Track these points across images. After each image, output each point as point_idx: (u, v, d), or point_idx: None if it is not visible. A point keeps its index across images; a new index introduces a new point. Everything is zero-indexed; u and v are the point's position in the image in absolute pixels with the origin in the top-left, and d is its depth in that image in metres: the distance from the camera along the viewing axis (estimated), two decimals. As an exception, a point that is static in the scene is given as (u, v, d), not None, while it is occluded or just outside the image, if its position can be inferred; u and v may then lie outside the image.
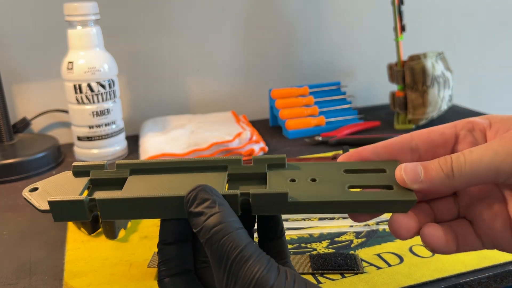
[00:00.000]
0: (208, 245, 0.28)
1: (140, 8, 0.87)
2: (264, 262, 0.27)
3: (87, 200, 0.32)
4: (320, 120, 0.87)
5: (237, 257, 0.27)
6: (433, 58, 0.86)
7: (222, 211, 0.28)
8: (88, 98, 0.70)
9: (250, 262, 0.27)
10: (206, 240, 0.28)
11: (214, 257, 0.28)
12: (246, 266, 0.27)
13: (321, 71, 1.03)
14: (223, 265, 0.27)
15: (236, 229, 0.28)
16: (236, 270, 0.27)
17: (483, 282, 0.44)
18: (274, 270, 0.27)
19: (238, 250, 0.27)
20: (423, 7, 1.07)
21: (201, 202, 0.29)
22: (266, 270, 0.27)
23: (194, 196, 0.29)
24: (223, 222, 0.28)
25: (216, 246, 0.27)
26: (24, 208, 0.60)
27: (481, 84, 1.20)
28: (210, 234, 0.28)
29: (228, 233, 0.27)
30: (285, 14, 0.97)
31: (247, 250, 0.27)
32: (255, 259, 0.27)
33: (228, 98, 0.97)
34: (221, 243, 0.27)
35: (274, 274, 0.27)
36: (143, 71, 0.90)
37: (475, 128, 0.33)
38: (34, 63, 0.83)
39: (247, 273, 0.26)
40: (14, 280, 0.45)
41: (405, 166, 0.30)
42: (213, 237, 0.28)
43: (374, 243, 0.49)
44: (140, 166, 0.35)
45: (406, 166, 0.30)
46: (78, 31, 0.68)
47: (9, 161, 0.68)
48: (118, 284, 0.43)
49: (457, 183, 0.29)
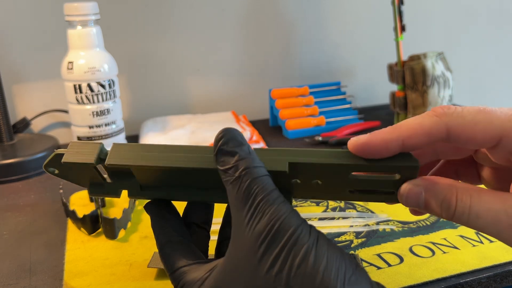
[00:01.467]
0: (235, 183, 0.28)
1: (140, 8, 0.87)
2: (290, 208, 0.28)
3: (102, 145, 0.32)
4: (320, 120, 0.87)
5: (265, 198, 0.28)
6: (433, 58, 0.86)
7: (254, 157, 0.29)
8: (88, 98, 0.70)
9: (278, 203, 0.27)
10: (235, 178, 0.28)
11: (239, 195, 0.28)
12: (274, 206, 0.27)
13: (321, 71, 1.03)
14: (249, 203, 0.28)
15: (265, 175, 0.29)
16: (264, 208, 0.27)
17: (483, 282, 0.44)
18: (300, 217, 0.28)
19: (266, 192, 0.28)
20: (423, 7, 1.07)
21: (236, 143, 0.29)
22: (292, 214, 0.27)
23: (227, 135, 0.30)
24: (255, 167, 0.29)
25: (246, 185, 0.28)
26: (24, 208, 0.60)
27: (481, 84, 1.20)
28: (241, 173, 0.28)
29: (259, 176, 0.28)
30: (285, 14, 0.97)
31: (274, 194, 0.28)
32: (282, 202, 0.28)
33: (228, 98, 0.97)
34: (251, 182, 0.28)
35: (299, 220, 0.27)
36: (143, 71, 0.90)
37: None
38: (34, 63, 0.83)
39: (275, 211, 0.27)
40: (14, 280, 0.45)
41: (409, 190, 0.29)
42: (244, 177, 0.28)
43: (374, 243, 0.49)
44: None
45: (410, 191, 0.29)
46: (78, 31, 0.68)
47: (9, 161, 0.68)
48: (118, 284, 0.43)
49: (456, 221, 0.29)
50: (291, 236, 0.26)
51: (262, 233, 0.27)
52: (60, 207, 0.59)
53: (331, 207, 0.57)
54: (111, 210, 0.58)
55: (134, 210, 0.57)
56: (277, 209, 0.27)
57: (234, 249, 0.28)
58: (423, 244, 0.48)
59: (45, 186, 0.66)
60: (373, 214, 0.55)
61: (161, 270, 0.45)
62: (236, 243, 0.28)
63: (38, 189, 0.65)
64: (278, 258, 0.26)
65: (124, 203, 0.59)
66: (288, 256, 0.26)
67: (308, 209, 0.57)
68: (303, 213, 0.56)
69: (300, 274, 0.26)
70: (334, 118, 0.88)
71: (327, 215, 0.55)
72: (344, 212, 0.56)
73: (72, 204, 0.59)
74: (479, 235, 0.50)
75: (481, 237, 0.49)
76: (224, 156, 0.29)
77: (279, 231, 0.27)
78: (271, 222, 0.27)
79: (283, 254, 0.26)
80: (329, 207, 0.57)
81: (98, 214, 0.52)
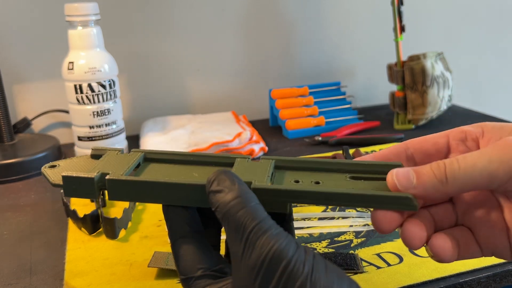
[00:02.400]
0: (226, 219, 0.28)
1: (140, 8, 0.87)
2: (283, 236, 0.27)
3: (98, 178, 0.33)
4: (320, 120, 0.87)
5: (255, 228, 0.27)
6: (432, 58, 0.87)
7: (241, 188, 0.29)
8: (88, 98, 0.70)
9: (268, 233, 0.27)
10: (223, 214, 0.28)
11: (231, 230, 0.28)
12: (264, 237, 0.27)
13: (321, 71, 1.03)
14: (239, 236, 0.27)
15: (254, 203, 0.29)
16: (254, 240, 0.27)
17: (483, 282, 0.44)
18: (293, 245, 0.27)
19: (256, 221, 0.27)
20: (423, 7, 1.07)
21: (222, 181, 0.30)
22: (284, 243, 0.27)
23: (215, 177, 0.30)
24: (241, 197, 0.29)
25: (234, 218, 0.28)
26: (24, 208, 0.60)
27: (481, 84, 1.20)
28: (227, 208, 0.28)
29: (245, 206, 0.28)
30: (285, 14, 0.97)
31: (265, 222, 0.28)
32: (274, 231, 0.27)
33: (228, 98, 0.97)
34: (238, 215, 0.28)
35: (293, 248, 0.27)
36: (143, 71, 0.91)
37: (467, 138, 0.33)
38: (34, 63, 0.83)
39: (265, 244, 0.27)
40: (14, 280, 0.45)
41: (396, 172, 0.30)
42: (231, 210, 0.28)
43: (374, 242, 0.49)
44: (154, 155, 0.37)
45: (398, 172, 0.30)
46: (78, 31, 0.68)
47: (9, 161, 0.69)
48: (118, 284, 0.43)
49: (450, 188, 0.29)
50: (284, 269, 0.26)
51: (255, 268, 0.27)
52: (60, 207, 0.59)
53: (331, 207, 0.57)
54: (111, 210, 0.58)
55: (135, 210, 0.58)
56: (267, 240, 0.27)
57: (235, 280, 0.28)
58: (423, 244, 0.48)
59: (45, 186, 0.66)
60: (373, 214, 0.55)
61: (161, 270, 0.45)
62: (236, 275, 0.28)
63: (38, 189, 0.66)
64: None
65: (125, 203, 0.59)
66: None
67: (308, 208, 0.57)
68: (303, 213, 0.56)
69: None
70: (334, 118, 0.88)
71: (327, 215, 0.55)
72: (344, 211, 0.56)
73: (73, 204, 0.59)
74: (479, 235, 0.50)
75: (480, 237, 0.49)
76: (213, 195, 0.30)
77: (271, 265, 0.26)
78: (261, 256, 0.26)
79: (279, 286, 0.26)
80: (329, 206, 0.57)
81: (98, 214, 0.52)
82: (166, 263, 0.44)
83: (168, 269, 0.44)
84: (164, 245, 0.50)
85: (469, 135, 0.33)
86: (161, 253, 0.46)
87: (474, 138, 0.33)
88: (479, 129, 0.33)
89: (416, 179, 0.29)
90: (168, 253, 0.46)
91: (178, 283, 0.43)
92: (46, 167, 0.36)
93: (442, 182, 0.29)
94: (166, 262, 0.44)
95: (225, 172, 0.30)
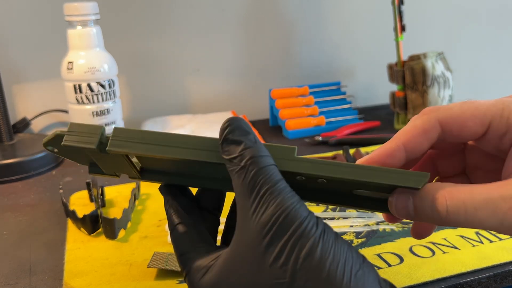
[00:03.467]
0: (241, 173, 0.28)
1: (140, 8, 0.87)
2: (297, 198, 0.27)
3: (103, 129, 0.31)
4: (320, 120, 0.87)
5: (270, 189, 0.27)
6: (433, 58, 0.86)
7: (260, 146, 0.29)
8: (88, 98, 0.70)
9: (284, 194, 0.27)
10: (240, 168, 0.28)
11: (245, 185, 0.28)
12: (280, 197, 0.27)
13: (321, 71, 1.03)
14: (255, 193, 0.27)
15: (271, 164, 0.28)
16: (269, 199, 0.27)
17: (483, 282, 0.44)
18: (306, 208, 0.27)
19: (271, 183, 0.27)
20: (423, 7, 1.07)
21: (241, 132, 0.29)
22: (299, 205, 0.27)
23: (233, 124, 0.29)
24: (261, 156, 0.28)
25: (251, 175, 0.27)
26: (24, 208, 0.60)
27: (481, 84, 1.20)
28: (246, 163, 0.28)
29: (265, 165, 0.28)
30: (285, 14, 0.97)
31: (280, 185, 0.27)
32: (289, 193, 0.27)
33: (228, 98, 0.97)
34: (256, 172, 0.27)
35: (306, 211, 0.27)
36: (143, 71, 0.90)
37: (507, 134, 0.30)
38: (34, 63, 0.83)
39: (281, 202, 0.26)
40: (14, 280, 0.45)
41: (396, 198, 0.29)
42: (250, 166, 0.28)
43: (374, 243, 0.49)
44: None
45: (397, 203, 0.29)
46: (78, 31, 0.68)
47: (9, 161, 0.68)
48: (118, 284, 0.43)
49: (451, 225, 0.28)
50: (297, 228, 0.26)
51: (267, 225, 0.26)
52: (60, 207, 0.59)
53: (331, 207, 0.57)
54: (111, 210, 0.58)
55: (134, 210, 0.57)
56: (283, 200, 0.27)
57: (239, 239, 0.28)
58: (423, 244, 0.48)
59: (45, 186, 0.66)
60: (373, 214, 0.55)
61: (161, 270, 0.45)
62: (241, 233, 0.28)
63: (38, 189, 0.65)
64: (284, 250, 0.26)
65: (124, 203, 0.59)
66: (294, 249, 0.26)
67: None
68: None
69: (306, 267, 0.25)
70: (334, 118, 0.88)
71: (327, 215, 0.55)
72: (344, 212, 0.56)
73: (72, 204, 0.59)
74: (479, 235, 0.50)
75: (481, 237, 0.49)
76: (230, 145, 0.29)
77: (284, 223, 0.26)
78: (276, 214, 0.26)
79: (289, 247, 0.26)
80: (329, 207, 0.57)
81: (98, 214, 0.52)
82: (165, 263, 0.44)
83: (167, 270, 0.44)
84: (164, 246, 0.50)
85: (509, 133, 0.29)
86: (161, 254, 0.46)
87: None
88: None
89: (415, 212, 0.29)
90: (168, 254, 0.46)
91: (178, 283, 0.43)
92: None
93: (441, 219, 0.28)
94: (165, 263, 0.44)
95: (244, 122, 0.29)
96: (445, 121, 0.30)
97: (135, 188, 0.59)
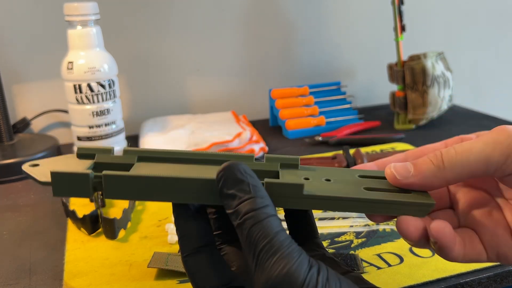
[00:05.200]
0: (239, 230, 0.27)
1: (140, 8, 0.87)
2: (294, 256, 0.26)
3: (93, 175, 0.30)
4: (320, 120, 0.87)
5: (265, 247, 0.26)
6: (433, 58, 0.86)
7: (255, 197, 0.28)
8: (88, 98, 0.70)
9: (279, 254, 0.26)
10: (237, 225, 0.28)
11: (245, 243, 0.27)
12: (274, 258, 0.26)
13: (321, 71, 1.03)
14: (251, 253, 0.27)
15: (267, 216, 0.27)
16: (263, 261, 0.26)
17: (483, 282, 0.44)
18: (305, 265, 0.26)
19: (267, 240, 0.26)
20: (423, 7, 1.07)
21: (234, 183, 0.28)
22: (296, 265, 0.26)
23: (225, 175, 0.28)
24: (255, 209, 0.27)
25: (247, 232, 0.27)
26: (24, 208, 0.60)
27: (481, 84, 1.20)
28: (241, 220, 0.27)
29: (258, 221, 0.27)
30: (285, 14, 0.97)
31: (277, 240, 0.26)
32: (285, 251, 0.26)
33: (228, 98, 0.97)
34: (251, 230, 0.27)
35: (305, 270, 0.26)
36: (143, 71, 0.90)
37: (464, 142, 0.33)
38: (34, 63, 0.83)
39: (275, 266, 0.26)
40: (14, 280, 0.45)
41: (394, 164, 0.31)
42: (244, 223, 0.27)
43: (374, 243, 0.49)
44: (149, 153, 0.34)
45: (396, 163, 0.31)
46: (78, 31, 0.68)
47: (9, 161, 0.68)
48: (118, 284, 0.43)
49: (448, 174, 0.29)
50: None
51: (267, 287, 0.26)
52: (60, 207, 0.59)
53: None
54: (111, 210, 0.58)
55: (134, 210, 0.57)
56: (277, 261, 0.26)
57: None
58: (423, 244, 0.48)
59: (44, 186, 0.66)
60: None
61: (161, 270, 0.45)
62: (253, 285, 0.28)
63: (38, 189, 0.65)
64: None
65: (124, 203, 0.59)
66: None
67: (308, 209, 0.57)
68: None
69: None
70: (334, 118, 0.88)
71: (327, 215, 0.55)
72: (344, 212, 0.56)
73: (72, 204, 0.59)
74: (479, 235, 0.50)
75: (481, 237, 0.49)
76: (226, 199, 0.28)
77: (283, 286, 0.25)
78: (271, 279, 0.26)
79: None
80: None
81: (98, 214, 0.52)
82: (165, 263, 0.44)
83: (167, 270, 0.44)
84: (163, 246, 0.50)
85: (465, 139, 0.33)
86: (161, 254, 0.46)
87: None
88: (474, 135, 0.33)
89: (414, 168, 0.30)
90: (168, 254, 0.46)
91: (178, 283, 0.43)
92: (27, 166, 0.32)
93: (439, 168, 0.29)
94: (165, 263, 0.44)
95: (238, 169, 0.28)
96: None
97: (135, 188, 0.59)
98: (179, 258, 0.45)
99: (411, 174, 0.30)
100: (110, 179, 0.29)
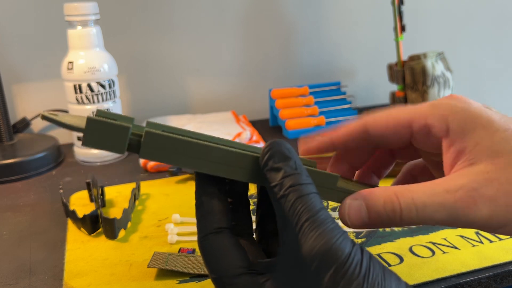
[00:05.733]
0: (282, 201, 0.27)
1: (140, 8, 0.87)
2: (339, 232, 0.26)
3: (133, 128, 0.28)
4: (320, 120, 0.87)
5: (309, 220, 0.26)
6: (433, 58, 0.86)
7: (301, 173, 0.28)
8: (88, 98, 0.70)
9: (324, 227, 0.26)
10: (280, 197, 0.27)
11: (285, 215, 0.27)
12: (319, 230, 0.26)
13: (321, 71, 1.03)
14: (294, 225, 0.26)
15: (311, 192, 0.27)
16: (308, 231, 0.26)
17: (483, 282, 0.44)
18: (349, 241, 0.26)
19: (310, 213, 0.26)
20: (423, 7, 1.07)
21: (282, 158, 0.28)
22: (341, 240, 0.26)
23: (273, 149, 0.28)
24: (301, 184, 0.27)
25: (290, 204, 0.27)
26: (24, 208, 0.60)
27: (481, 84, 1.20)
28: (286, 192, 0.27)
29: (303, 194, 0.27)
30: (285, 14, 0.97)
31: (320, 215, 0.26)
32: (330, 225, 0.26)
33: (228, 98, 0.97)
34: (295, 202, 0.27)
35: (349, 246, 0.26)
36: (143, 71, 0.90)
37: (431, 134, 0.31)
38: (34, 63, 0.83)
39: (319, 238, 0.25)
40: (14, 280, 0.45)
41: (349, 206, 0.30)
42: (289, 195, 0.27)
43: (374, 243, 0.49)
44: (172, 130, 0.32)
45: (350, 207, 0.29)
46: (78, 31, 0.68)
47: (9, 161, 0.68)
48: (118, 284, 0.43)
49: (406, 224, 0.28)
50: (339, 268, 0.25)
51: (307, 258, 0.25)
52: (60, 207, 0.59)
53: (331, 207, 0.57)
54: (111, 210, 0.58)
55: (134, 210, 0.57)
56: (324, 232, 0.26)
57: (283, 266, 0.27)
58: (423, 244, 0.48)
59: (45, 186, 0.66)
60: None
61: (161, 270, 0.45)
62: (284, 262, 0.27)
63: (38, 189, 0.65)
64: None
65: (124, 203, 0.59)
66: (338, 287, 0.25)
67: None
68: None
69: None
70: (334, 118, 0.88)
71: (327, 215, 0.55)
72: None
73: (72, 204, 0.59)
74: (479, 235, 0.50)
75: (481, 237, 0.49)
76: (270, 172, 0.28)
77: (324, 261, 0.25)
78: (315, 249, 0.25)
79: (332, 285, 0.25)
80: (329, 207, 0.57)
81: (98, 214, 0.52)
82: (165, 263, 0.44)
83: (167, 270, 0.44)
84: (163, 246, 0.50)
85: (433, 132, 0.31)
86: (161, 254, 0.46)
87: (438, 137, 0.31)
88: (443, 126, 0.30)
89: (369, 217, 0.29)
90: (168, 254, 0.46)
91: (178, 283, 0.43)
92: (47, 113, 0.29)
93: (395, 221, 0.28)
94: (165, 263, 0.44)
95: (285, 146, 0.29)
96: (370, 123, 0.33)
97: (135, 188, 0.59)
98: (179, 258, 0.45)
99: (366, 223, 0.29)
100: (152, 136, 0.28)
